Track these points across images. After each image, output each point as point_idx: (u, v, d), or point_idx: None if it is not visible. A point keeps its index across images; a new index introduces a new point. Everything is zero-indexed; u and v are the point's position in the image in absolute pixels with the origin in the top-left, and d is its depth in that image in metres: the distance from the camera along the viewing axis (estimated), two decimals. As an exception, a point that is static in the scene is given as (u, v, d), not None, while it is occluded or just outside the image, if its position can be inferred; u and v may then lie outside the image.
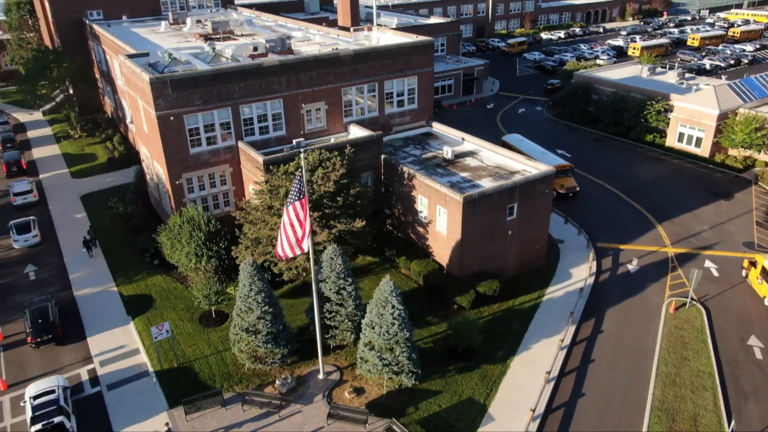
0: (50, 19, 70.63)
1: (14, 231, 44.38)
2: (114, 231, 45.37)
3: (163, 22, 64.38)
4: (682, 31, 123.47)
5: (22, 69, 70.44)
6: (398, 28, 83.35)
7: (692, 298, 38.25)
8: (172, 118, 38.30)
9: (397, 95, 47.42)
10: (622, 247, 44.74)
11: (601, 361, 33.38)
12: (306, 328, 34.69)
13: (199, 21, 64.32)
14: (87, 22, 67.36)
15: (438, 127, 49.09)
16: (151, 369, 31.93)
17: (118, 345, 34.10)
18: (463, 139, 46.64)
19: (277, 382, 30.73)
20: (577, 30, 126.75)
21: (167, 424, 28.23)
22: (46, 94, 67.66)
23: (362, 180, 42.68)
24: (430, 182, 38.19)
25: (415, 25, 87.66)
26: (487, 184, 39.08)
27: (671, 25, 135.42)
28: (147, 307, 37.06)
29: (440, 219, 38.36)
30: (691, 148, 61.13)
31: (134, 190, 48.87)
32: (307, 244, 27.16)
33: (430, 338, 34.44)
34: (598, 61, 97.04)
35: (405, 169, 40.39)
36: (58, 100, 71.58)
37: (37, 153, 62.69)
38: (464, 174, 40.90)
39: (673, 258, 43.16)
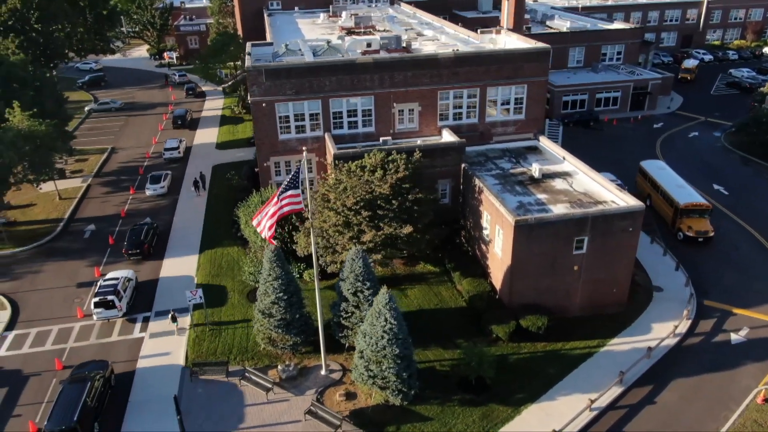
0: (240, 7, 79.83)
1: (149, 180, 53.26)
2: (222, 199, 50.47)
3: (321, 14, 68.76)
4: None
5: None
6: (566, 32, 78.43)
7: (794, 392, 30.49)
8: (264, 105, 41.24)
9: (502, 104, 44.85)
10: (735, 310, 37.15)
11: (636, 436, 28.53)
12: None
13: (354, 14, 67.32)
14: (264, 11, 74.80)
15: (545, 143, 45.37)
16: (195, 280, 40.37)
17: (182, 266, 42.31)
18: (563, 158, 42.56)
19: (279, 367, 31.88)
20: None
21: (173, 311, 35.65)
22: (214, 73, 76.94)
23: (439, 187, 41.59)
24: (492, 199, 35.77)
25: (590, 30, 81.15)
26: (559, 210, 35.37)
27: None
28: (212, 265, 42.16)
29: (498, 240, 35.79)
30: None
31: (251, 167, 53.62)
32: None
33: (449, 362, 32.60)
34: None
35: (477, 181, 38.32)
36: (232, 81, 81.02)
37: (202, 120, 72.98)
38: (542, 196, 37.45)
39: (799, 337, 34.72)
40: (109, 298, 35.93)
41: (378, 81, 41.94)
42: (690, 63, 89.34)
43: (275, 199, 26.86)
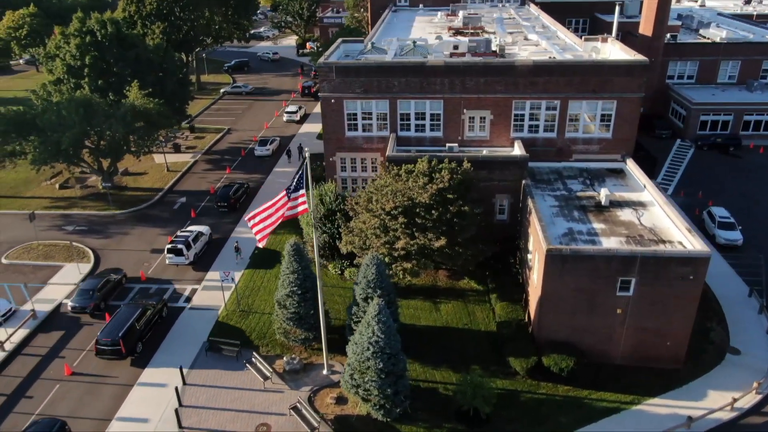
0: (370, 2, 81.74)
1: (258, 143, 62.34)
2: (302, 189, 52.55)
3: (439, 13, 67.94)
4: None
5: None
6: (718, 43, 69.16)
7: None
8: (333, 101, 41.96)
9: (586, 119, 41.00)
10: (828, 394, 30.59)
11: None
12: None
13: (473, 14, 65.59)
14: (391, 7, 75.59)
15: (631, 167, 40.65)
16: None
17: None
18: (644, 186, 37.89)
19: (284, 358, 32.59)
20: None
21: (236, 242, 43.67)
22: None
23: (497, 202, 39.44)
24: (535, 221, 33.04)
25: (749, 41, 70.65)
26: (611, 243, 31.64)
27: None
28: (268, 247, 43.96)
29: (536, 266, 33.05)
30: None
31: (335, 159, 55.00)
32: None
33: (454, 386, 30.89)
34: None
35: (529, 200, 35.61)
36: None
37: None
38: (599, 225, 33.74)
39: None
40: (179, 246, 41.83)
41: (448, 85, 40.54)
42: None
43: (283, 200, 27.14)
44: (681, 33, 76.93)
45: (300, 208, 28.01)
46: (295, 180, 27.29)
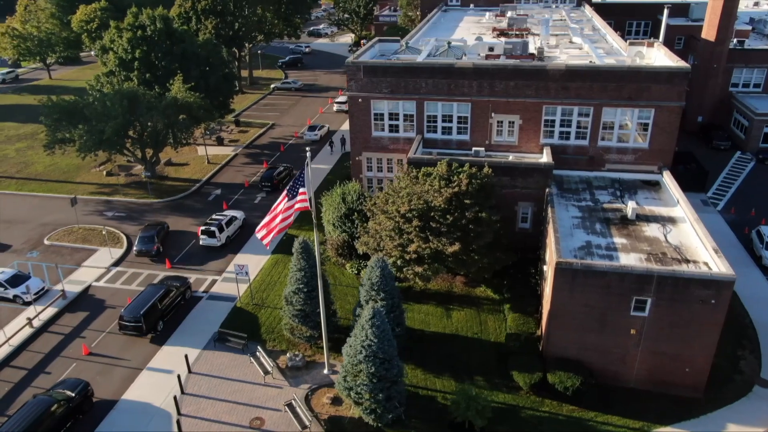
0: (421, 1, 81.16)
1: (308, 128, 66.49)
2: (334, 183, 52.51)
3: (487, 14, 66.57)
4: None
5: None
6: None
7: None
8: (360, 100, 41.93)
9: (620, 128, 39.09)
10: None
11: None
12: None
13: (523, 14, 63.91)
14: (442, 6, 74.76)
15: (667, 179, 38.43)
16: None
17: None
18: (678, 201, 35.73)
19: (288, 354, 32.82)
20: None
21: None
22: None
23: (519, 210, 38.30)
24: (551, 231, 31.81)
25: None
26: (629, 260, 30.04)
27: None
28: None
29: (548, 278, 31.79)
30: None
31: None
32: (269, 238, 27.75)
33: (453, 396, 30.14)
34: None
35: (549, 209, 34.32)
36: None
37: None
38: (620, 240, 32.09)
39: None
40: (212, 229, 43.95)
41: (477, 88, 39.66)
42: None
43: (285, 200, 27.24)
44: (751, 38, 72.14)
45: (298, 206, 27.96)
46: (295, 180, 27.31)
